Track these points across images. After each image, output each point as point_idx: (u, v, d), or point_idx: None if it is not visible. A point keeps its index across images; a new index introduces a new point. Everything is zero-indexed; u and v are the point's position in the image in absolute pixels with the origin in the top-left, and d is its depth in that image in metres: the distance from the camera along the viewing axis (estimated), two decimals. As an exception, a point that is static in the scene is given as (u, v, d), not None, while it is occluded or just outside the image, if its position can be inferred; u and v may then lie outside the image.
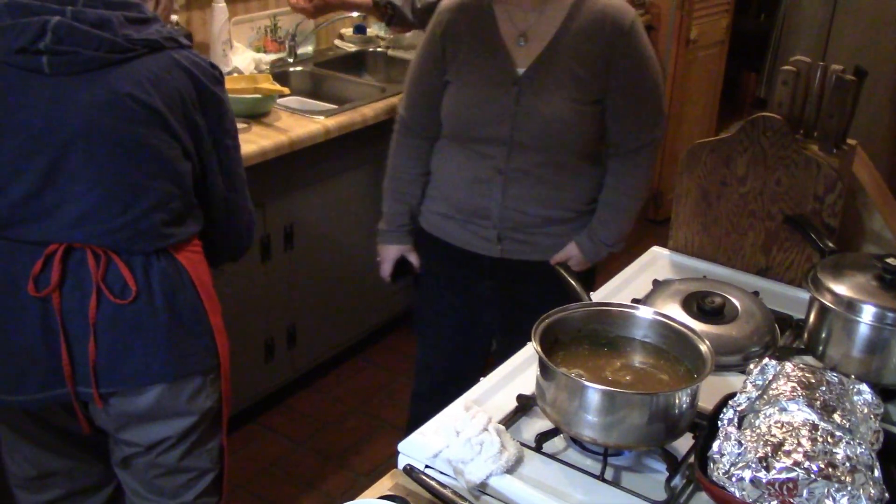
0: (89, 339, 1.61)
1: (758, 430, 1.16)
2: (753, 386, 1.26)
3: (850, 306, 1.45)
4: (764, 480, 1.09)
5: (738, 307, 1.63)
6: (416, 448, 1.31)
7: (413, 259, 2.28)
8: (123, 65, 1.56)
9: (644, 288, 1.76)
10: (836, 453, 1.11)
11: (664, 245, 1.99)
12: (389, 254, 2.30)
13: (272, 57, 3.43)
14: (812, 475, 1.08)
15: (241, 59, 3.20)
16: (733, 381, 1.49)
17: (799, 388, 1.22)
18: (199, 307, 1.71)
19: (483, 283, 2.18)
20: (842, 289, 1.47)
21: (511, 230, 2.08)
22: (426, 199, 2.21)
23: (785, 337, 1.64)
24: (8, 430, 1.80)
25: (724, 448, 1.16)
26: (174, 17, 2.92)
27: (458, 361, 2.26)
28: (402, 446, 1.32)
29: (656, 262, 1.95)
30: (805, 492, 1.08)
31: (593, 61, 1.96)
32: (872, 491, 1.08)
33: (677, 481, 1.27)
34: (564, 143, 1.99)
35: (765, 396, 1.22)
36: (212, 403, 1.77)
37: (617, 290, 1.79)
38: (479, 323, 2.26)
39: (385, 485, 1.29)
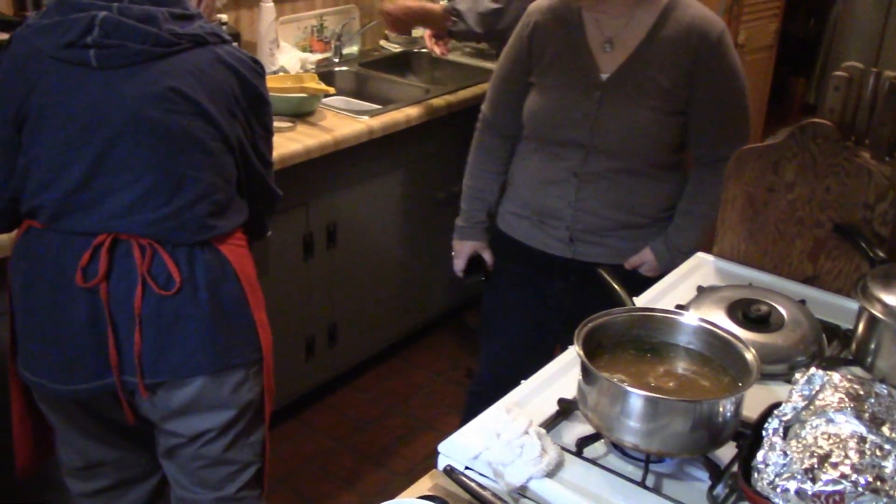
0: (135, 329, 1.64)
1: (804, 441, 1.14)
2: (800, 396, 1.24)
3: (901, 317, 1.42)
4: (809, 492, 1.08)
5: (785, 316, 1.60)
6: (457, 449, 1.31)
7: (487, 257, 2.34)
8: (168, 58, 1.60)
9: (688, 294, 1.75)
10: (885, 467, 1.09)
11: (709, 251, 1.97)
12: (464, 249, 2.34)
13: (318, 56, 3.46)
14: (860, 488, 1.06)
15: (288, 59, 3.23)
16: (778, 390, 1.47)
17: (847, 400, 1.20)
18: (243, 300, 1.74)
19: (554, 284, 2.20)
20: (892, 299, 1.45)
21: (582, 232, 2.11)
22: (503, 199, 2.26)
23: (832, 347, 1.61)
24: (60, 420, 1.83)
25: (769, 458, 1.14)
26: (222, 17, 2.95)
27: (521, 362, 2.24)
28: (442, 447, 1.32)
29: (701, 268, 1.92)
30: (852, 505, 1.06)
31: (678, 72, 1.97)
32: (922, 506, 1.06)
33: (720, 490, 1.25)
34: (641, 151, 2.01)
35: (811, 407, 1.20)
36: (253, 397, 1.79)
37: (661, 296, 1.77)
38: (545, 324, 2.27)
39: (424, 485, 1.29)
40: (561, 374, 1.51)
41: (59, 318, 1.66)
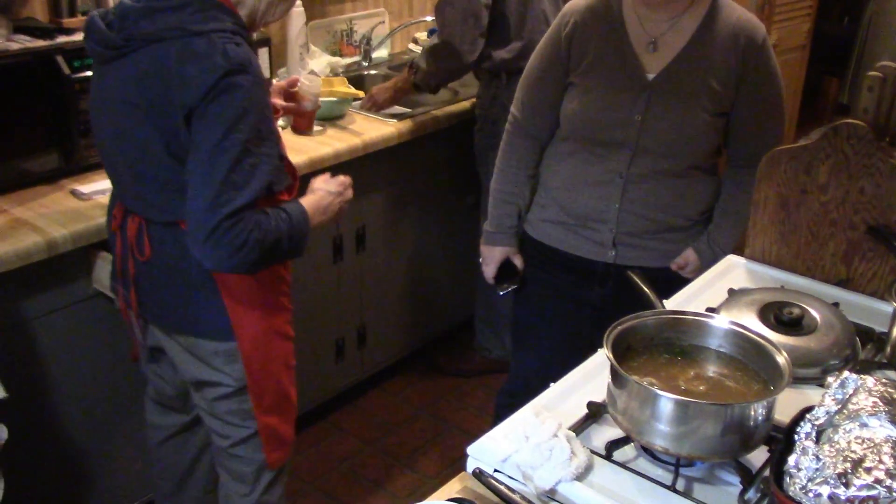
0: (130, 288, 1.91)
1: (837, 446, 1.13)
2: (833, 400, 1.23)
3: (937, 320, 1.40)
4: (843, 497, 1.06)
5: (818, 319, 1.58)
6: (486, 452, 1.31)
7: (518, 262, 2.29)
8: (119, 60, 1.71)
9: (719, 297, 1.73)
10: (920, 472, 1.07)
11: (740, 253, 1.95)
12: (494, 255, 2.30)
13: (348, 61, 3.47)
14: (894, 493, 1.04)
15: (318, 63, 3.25)
16: (811, 394, 1.45)
17: (881, 404, 1.18)
18: (207, 275, 1.81)
19: (592, 291, 2.17)
20: (928, 302, 1.42)
21: (627, 235, 2.09)
22: (533, 205, 2.23)
23: (866, 350, 1.59)
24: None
25: (802, 463, 1.13)
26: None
27: (555, 372, 2.19)
28: (471, 449, 1.32)
29: (732, 270, 1.91)
30: (886, 511, 1.04)
31: (727, 73, 1.98)
32: (958, 512, 1.04)
33: (751, 495, 1.24)
34: (688, 152, 2.01)
35: (844, 411, 1.19)
36: (230, 380, 1.91)
37: (691, 299, 1.76)
38: (580, 332, 2.22)
39: (454, 487, 1.30)
40: (590, 377, 1.50)
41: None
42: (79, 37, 2.30)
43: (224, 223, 1.63)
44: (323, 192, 1.94)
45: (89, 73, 2.25)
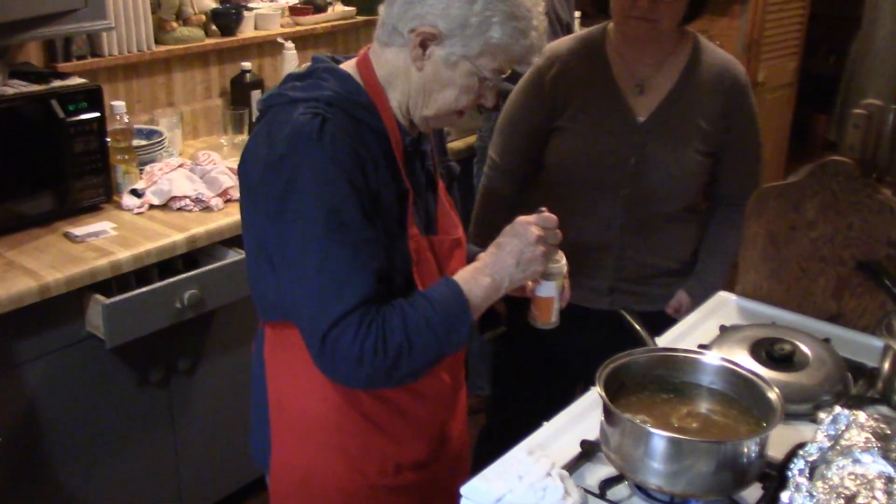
0: None
1: (830, 482, 1.13)
2: (825, 436, 1.23)
3: (927, 355, 1.41)
4: (837, 534, 1.06)
5: (809, 354, 1.59)
6: (479, 492, 1.30)
7: (500, 308, 2.22)
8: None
9: (711, 334, 1.74)
10: (914, 508, 1.08)
11: (731, 290, 1.96)
12: None
13: (340, 102, 3.50)
14: (888, 530, 1.04)
15: (311, 104, 3.27)
16: (804, 430, 1.45)
17: (873, 439, 1.18)
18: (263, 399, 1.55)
19: (583, 337, 2.03)
20: (918, 337, 1.43)
21: (624, 282, 2.07)
22: None
23: (858, 386, 1.59)
24: None
25: (795, 499, 1.13)
26: (245, 64, 3.00)
27: (538, 411, 2.13)
28: (464, 490, 1.32)
29: (723, 307, 1.92)
30: (880, 547, 1.04)
31: (715, 114, 2.00)
32: (952, 548, 1.04)
33: (746, 533, 1.24)
34: (682, 194, 2.01)
35: (837, 447, 1.19)
36: None
37: (683, 336, 1.77)
38: (565, 374, 2.19)
39: (447, 528, 1.29)
40: (583, 416, 1.50)
41: None
42: (73, 81, 2.33)
43: (330, 334, 1.31)
44: (508, 245, 1.44)
45: (83, 117, 2.27)
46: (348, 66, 1.45)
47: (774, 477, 1.24)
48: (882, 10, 3.43)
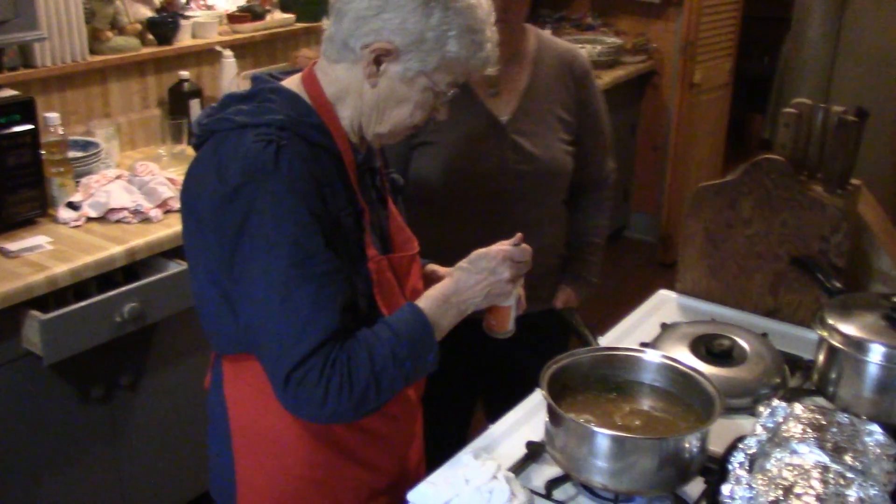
0: None
1: (769, 473, 1.15)
2: (764, 428, 1.26)
3: (860, 346, 1.45)
4: (776, 524, 1.08)
5: (747, 349, 1.62)
6: (426, 497, 1.30)
7: None
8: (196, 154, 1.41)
9: (652, 332, 1.76)
10: (849, 495, 1.10)
11: (672, 288, 1.99)
12: None
13: (281, 109, 3.47)
14: (824, 518, 1.07)
15: (251, 113, 3.24)
16: (743, 423, 1.48)
17: (809, 430, 1.21)
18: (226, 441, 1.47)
19: (476, 349, 1.87)
20: (850, 329, 1.47)
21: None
22: None
23: (795, 378, 1.63)
24: None
25: (736, 492, 1.15)
26: (183, 73, 2.97)
27: (438, 429, 1.87)
28: (411, 496, 1.32)
29: (664, 305, 1.95)
30: (818, 535, 1.07)
31: (570, 102, 2.00)
32: (886, 533, 1.07)
33: (690, 527, 1.26)
34: (560, 187, 2.00)
35: (775, 439, 1.22)
36: None
37: (625, 335, 1.79)
38: (462, 388, 2.13)
39: (395, 535, 1.29)
40: (528, 417, 1.51)
41: None
42: (5, 93, 2.27)
43: (294, 374, 1.26)
44: (479, 277, 1.40)
45: (16, 129, 2.22)
46: (292, 83, 1.39)
47: (716, 471, 1.26)
48: (810, 11, 3.53)
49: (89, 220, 2.36)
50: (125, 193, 2.41)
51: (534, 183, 1.94)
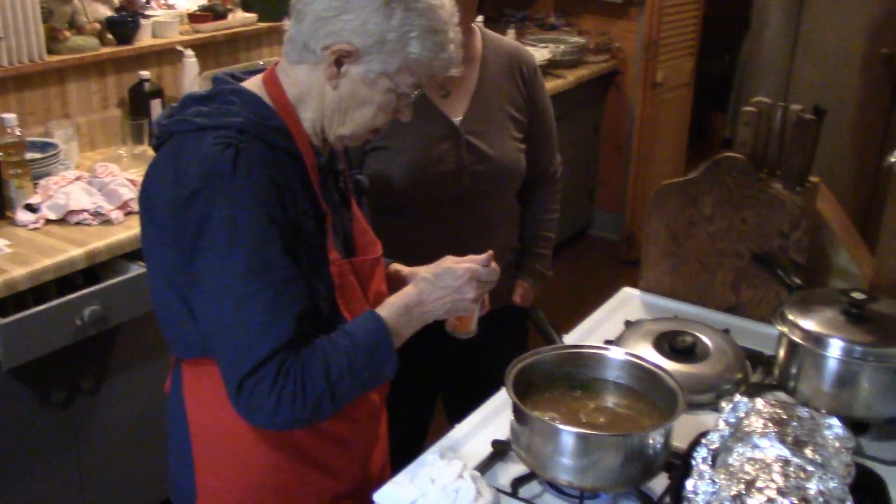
0: None
1: (731, 468, 1.16)
2: (726, 423, 1.27)
3: (819, 341, 1.47)
4: (738, 518, 1.09)
5: (710, 345, 1.64)
6: (392, 498, 1.30)
7: None
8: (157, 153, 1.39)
9: (616, 329, 1.77)
10: (809, 488, 1.12)
11: (636, 286, 2.01)
12: None
13: (244, 110, 3.45)
14: (785, 511, 1.08)
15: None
16: (706, 419, 1.49)
17: (770, 425, 1.23)
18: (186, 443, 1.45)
19: (437, 348, 1.85)
20: (810, 324, 1.49)
21: None
22: None
23: (757, 374, 1.65)
24: None
25: (699, 487, 1.16)
26: (144, 73, 2.94)
27: (400, 429, 1.86)
28: (377, 496, 1.31)
29: (628, 303, 1.96)
30: (779, 528, 1.08)
31: (520, 99, 2.01)
32: (846, 525, 1.09)
33: (654, 522, 1.27)
34: (512, 186, 2.01)
35: (737, 434, 1.23)
36: None
37: (589, 332, 1.80)
38: (423, 388, 2.12)
39: (362, 536, 1.28)
40: (494, 416, 1.51)
41: None
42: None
43: (246, 381, 1.25)
44: (443, 292, 1.39)
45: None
46: (253, 85, 1.37)
47: (679, 466, 1.27)
48: (769, 11, 3.57)
49: (48, 222, 2.32)
50: (85, 195, 2.37)
51: (490, 183, 1.95)
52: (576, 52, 4.30)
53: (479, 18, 3.53)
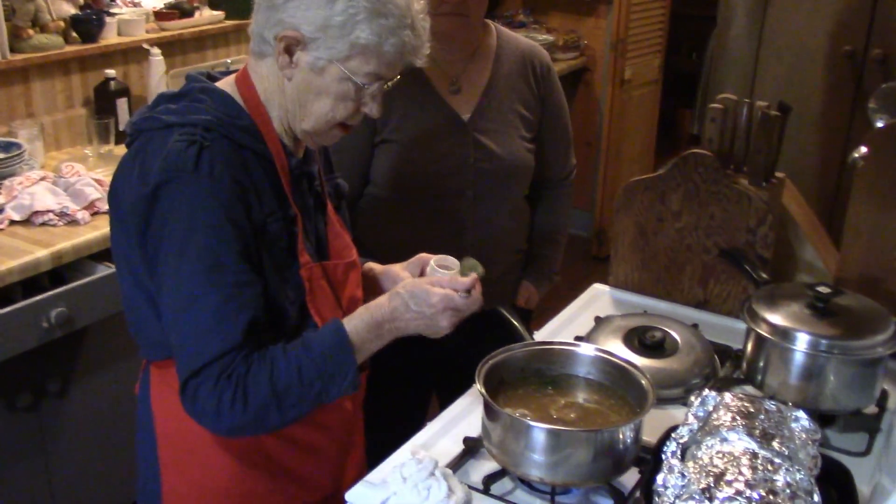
0: None
1: (700, 462, 1.17)
2: (695, 418, 1.28)
3: (785, 335, 1.48)
4: (708, 511, 1.10)
5: (679, 340, 1.65)
6: (364, 497, 1.29)
7: None
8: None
9: (587, 325, 1.78)
10: (777, 480, 1.13)
11: (605, 282, 2.02)
12: None
13: (212, 108, 3.42)
14: (753, 503, 1.09)
15: (180, 112, 3.19)
16: (676, 413, 1.51)
17: (738, 418, 1.24)
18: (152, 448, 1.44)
19: (436, 346, 1.82)
20: (776, 318, 1.51)
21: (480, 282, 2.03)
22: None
23: (725, 368, 1.67)
24: None
25: (669, 481, 1.17)
26: (109, 72, 2.90)
27: (396, 425, 1.89)
28: (349, 496, 1.31)
29: (598, 299, 1.97)
30: (748, 520, 1.09)
31: (531, 99, 2.02)
32: (813, 516, 1.10)
33: (625, 517, 1.27)
34: (519, 184, 2.03)
35: (706, 427, 1.24)
36: None
37: (560, 329, 1.81)
38: (418, 382, 2.14)
39: (334, 535, 1.28)
40: (466, 413, 1.51)
41: None
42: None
43: (190, 382, 1.24)
44: (417, 315, 1.35)
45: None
46: (226, 84, 1.36)
47: (649, 461, 1.28)
48: (735, 10, 3.61)
49: (12, 223, 2.29)
50: (50, 195, 2.34)
51: (495, 181, 1.96)
52: (544, 49, 4.31)
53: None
